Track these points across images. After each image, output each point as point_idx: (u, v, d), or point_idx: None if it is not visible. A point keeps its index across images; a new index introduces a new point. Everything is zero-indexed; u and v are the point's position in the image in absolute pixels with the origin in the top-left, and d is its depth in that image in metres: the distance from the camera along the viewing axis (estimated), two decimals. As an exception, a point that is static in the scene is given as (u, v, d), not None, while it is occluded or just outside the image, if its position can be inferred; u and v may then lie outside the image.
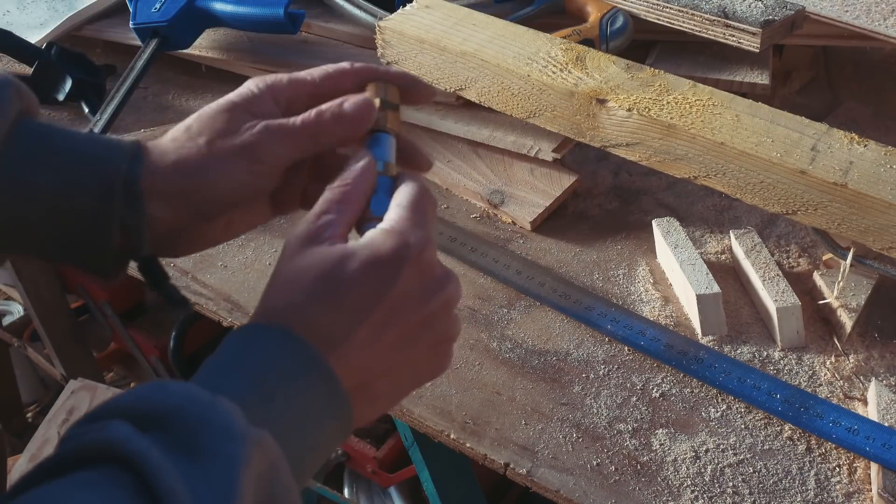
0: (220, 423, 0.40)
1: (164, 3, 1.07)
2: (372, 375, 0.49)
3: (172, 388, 0.41)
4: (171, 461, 0.38)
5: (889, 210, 0.72)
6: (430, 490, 1.07)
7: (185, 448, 0.39)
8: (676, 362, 0.76)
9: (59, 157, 0.53)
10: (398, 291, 0.48)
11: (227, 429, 0.40)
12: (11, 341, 1.76)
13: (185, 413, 0.40)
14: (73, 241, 0.54)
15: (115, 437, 0.38)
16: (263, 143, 0.53)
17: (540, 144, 0.95)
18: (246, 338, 0.47)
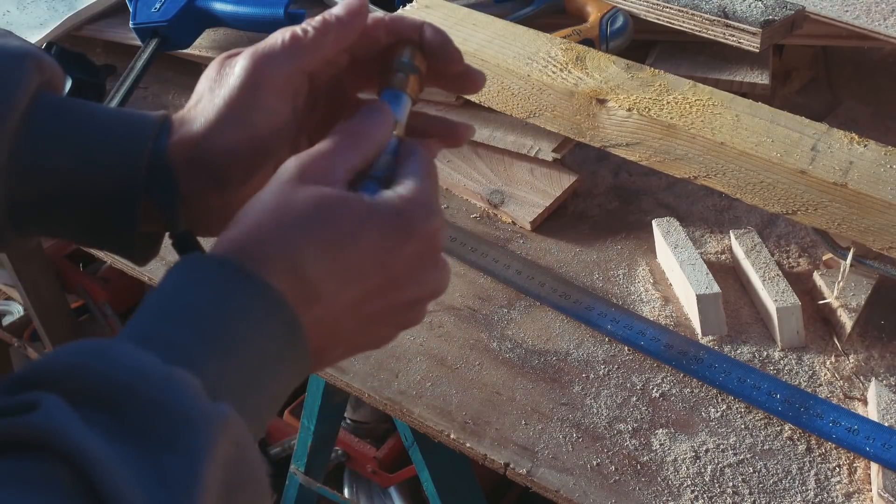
0: (178, 407, 0.35)
1: (164, 3, 1.07)
2: (335, 339, 0.44)
3: (117, 358, 0.35)
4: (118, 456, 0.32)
5: (889, 210, 0.72)
6: (430, 490, 1.07)
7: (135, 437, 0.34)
8: (676, 362, 0.76)
9: (80, 135, 0.50)
10: (402, 265, 0.44)
11: (185, 414, 0.35)
12: (11, 341, 1.76)
13: (135, 394, 0.34)
14: (98, 223, 0.52)
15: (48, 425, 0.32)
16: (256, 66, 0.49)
17: (540, 144, 0.95)
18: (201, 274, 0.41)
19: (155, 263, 0.88)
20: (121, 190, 0.50)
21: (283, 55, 0.50)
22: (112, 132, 0.50)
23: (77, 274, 1.66)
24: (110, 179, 0.50)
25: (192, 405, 0.35)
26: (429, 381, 0.76)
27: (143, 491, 0.32)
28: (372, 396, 0.75)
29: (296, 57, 0.50)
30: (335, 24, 0.50)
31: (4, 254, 1.44)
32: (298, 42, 0.50)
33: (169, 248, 0.53)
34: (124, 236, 0.52)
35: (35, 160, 0.50)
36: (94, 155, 0.50)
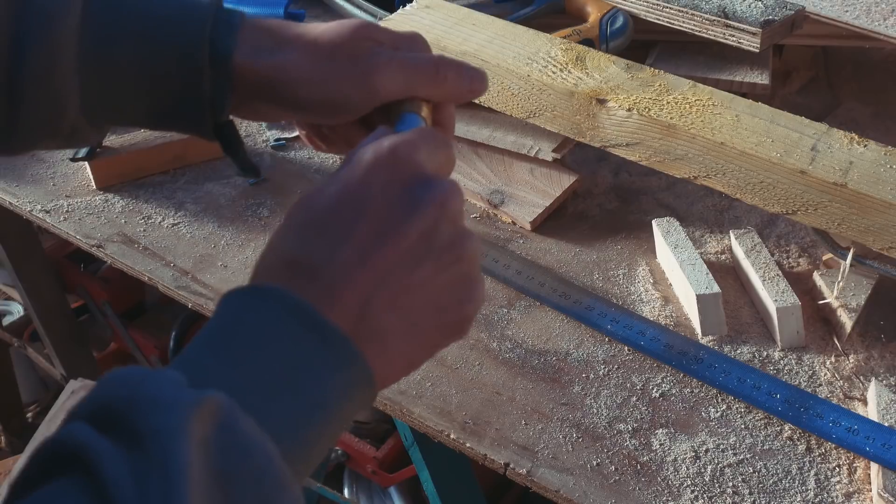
0: (147, 398, 0.36)
1: (164, 3, 1.07)
2: (372, 306, 0.43)
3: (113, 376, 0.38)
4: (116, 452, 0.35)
5: (889, 210, 0.72)
6: (430, 490, 1.07)
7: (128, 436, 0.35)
8: (676, 362, 0.76)
9: (138, 26, 0.54)
10: (377, 202, 0.44)
11: (154, 400, 0.36)
12: (11, 341, 1.76)
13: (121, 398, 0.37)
14: (166, 109, 0.55)
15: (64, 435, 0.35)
16: (383, 74, 0.54)
17: (540, 144, 0.95)
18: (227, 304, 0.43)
19: (155, 263, 0.88)
20: (186, 78, 0.54)
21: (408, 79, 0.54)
22: (168, 19, 0.54)
23: (77, 274, 1.66)
24: (173, 68, 0.54)
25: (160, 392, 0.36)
26: (429, 381, 0.76)
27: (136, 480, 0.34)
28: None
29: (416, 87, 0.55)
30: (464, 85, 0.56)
31: (5, 253, 1.44)
32: (430, 76, 0.55)
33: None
34: (192, 117, 0.56)
35: (101, 54, 0.53)
36: (155, 43, 0.54)
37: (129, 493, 0.33)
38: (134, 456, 0.34)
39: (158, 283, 0.87)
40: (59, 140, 0.57)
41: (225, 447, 0.36)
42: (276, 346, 0.41)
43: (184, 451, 0.34)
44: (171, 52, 0.54)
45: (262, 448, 0.37)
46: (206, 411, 0.36)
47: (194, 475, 0.34)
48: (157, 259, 0.89)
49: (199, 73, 0.54)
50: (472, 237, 0.46)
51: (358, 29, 0.56)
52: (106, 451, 0.34)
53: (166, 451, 0.34)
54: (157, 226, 0.93)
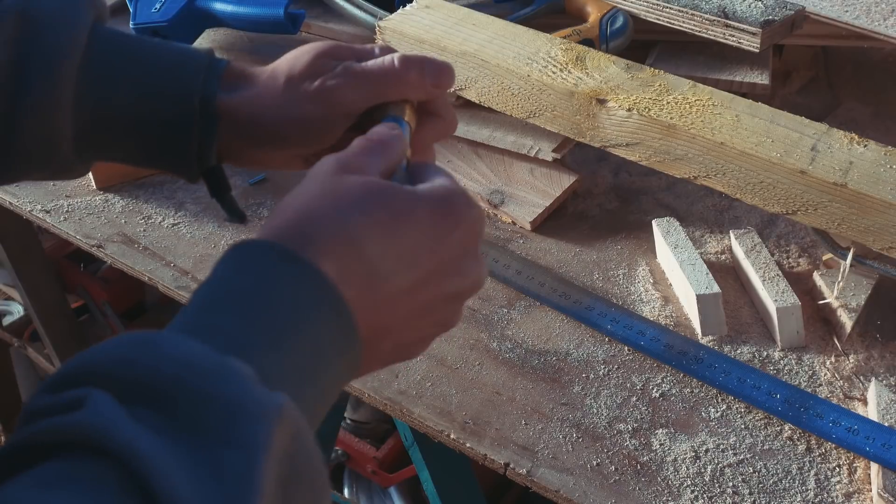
0: (233, 399, 0.33)
1: (164, 3, 1.07)
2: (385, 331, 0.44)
3: (165, 349, 0.34)
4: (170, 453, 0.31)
5: (889, 210, 0.72)
6: (430, 490, 1.07)
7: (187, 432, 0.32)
8: (676, 362, 0.76)
9: (137, 69, 0.56)
10: (449, 251, 0.44)
11: (241, 406, 0.33)
12: (11, 341, 1.76)
13: (185, 386, 0.33)
14: (156, 146, 0.57)
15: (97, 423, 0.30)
16: (341, 87, 0.55)
17: (540, 144, 0.95)
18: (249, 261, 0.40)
19: (155, 263, 0.88)
20: (175, 119, 0.55)
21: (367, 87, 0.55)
22: (165, 65, 0.56)
23: (77, 274, 1.66)
24: (166, 113, 0.55)
25: (247, 395, 0.33)
26: (429, 381, 0.76)
27: (198, 489, 0.30)
28: (372, 396, 0.75)
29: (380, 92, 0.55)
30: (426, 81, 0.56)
31: (5, 253, 1.44)
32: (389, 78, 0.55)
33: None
34: (180, 159, 0.57)
35: (98, 93, 0.55)
36: (150, 87, 0.55)
37: None
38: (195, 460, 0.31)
39: (158, 283, 0.87)
40: (47, 173, 0.59)
41: (294, 456, 0.35)
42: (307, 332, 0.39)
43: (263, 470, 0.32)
44: (164, 97, 0.56)
45: (319, 453, 0.37)
46: (287, 420, 0.34)
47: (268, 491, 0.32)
48: (157, 259, 0.89)
49: (190, 120, 0.55)
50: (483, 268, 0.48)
51: (316, 50, 0.57)
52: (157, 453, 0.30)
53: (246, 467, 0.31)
54: (157, 226, 0.93)
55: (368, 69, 0.55)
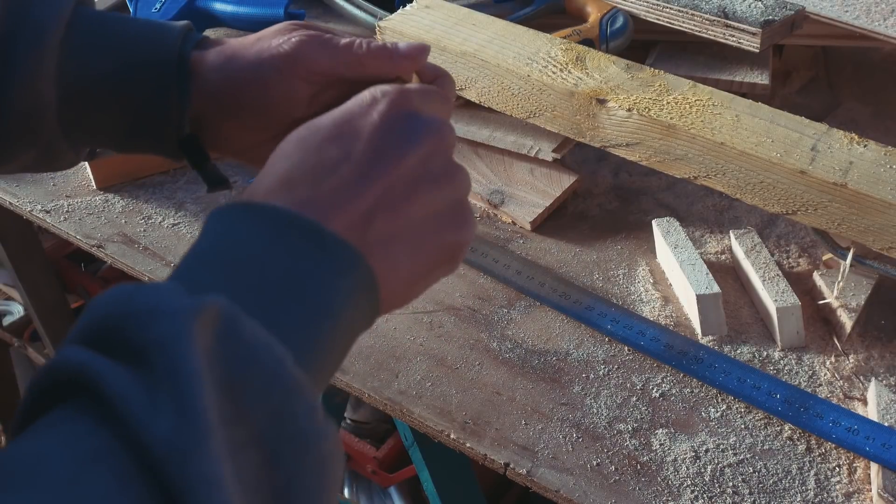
0: (144, 309, 0.34)
1: (164, 3, 1.07)
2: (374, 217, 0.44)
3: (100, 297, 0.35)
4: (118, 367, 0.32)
5: (889, 210, 0.72)
6: (430, 490, 1.07)
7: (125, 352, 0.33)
8: (676, 362, 0.76)
9: (116, 41, 0.58)
10: (376, 128, 0.45)
11: (152, 310, 0.34)
12: (11, 341, 1.76)
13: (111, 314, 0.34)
14: (138, 123, 0.58)
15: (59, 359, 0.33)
16: (304, 49, 0.56)
17: (540, 144, 0.95)
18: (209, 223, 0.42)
19: (155, 263, 0.88)
20: (155, 91, 0.57)
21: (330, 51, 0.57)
22: (143, 38, 0.58)
23: (77, 274, 1.66)
24: (145, 80, 0.57)
25: (158, 302, 0.34)
26: (429, 381, 0.76)
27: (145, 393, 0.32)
28: (372, 396, 0.75)
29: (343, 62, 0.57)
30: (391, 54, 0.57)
31: (5, 253, 1.44)
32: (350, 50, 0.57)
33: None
34: (162, 136, 0.58)
35: (80, 67, 0.57)
36: (129, 59, 0.57)
37: (138, 408, 0.31)
38: (139, 370, 0.32)
39: (158, 283, 0.87)
40: (36, 151, 0.59)
41: (230, 354, 0.34)
42: (276, 257, 0.40)
43: (192, 358, 0.33)
44: (143, 68, 0.57)
45: (269, 352, 0.36)
46: (209, 316, 0.34)
47: (206, 384, 0.32)
48: (158, 259, 0.89)
49: (167, 87, 0.57)
50: (464, 170, 0.49)
51: (288, 22, 0.60)
52: (106, 367, 0.32)
53: (174, 359, 0.32)
54: (157, 226, 0.93)
55: (334, 38, 0.58)
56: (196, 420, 0.31)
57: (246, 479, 0.33)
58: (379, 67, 0.57)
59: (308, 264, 0.40)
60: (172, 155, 0.60)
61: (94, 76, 0.57)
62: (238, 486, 0.32)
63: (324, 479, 0.36)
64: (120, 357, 0.33)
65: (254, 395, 0.34)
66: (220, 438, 0.32)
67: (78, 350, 0.33)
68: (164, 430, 0.31)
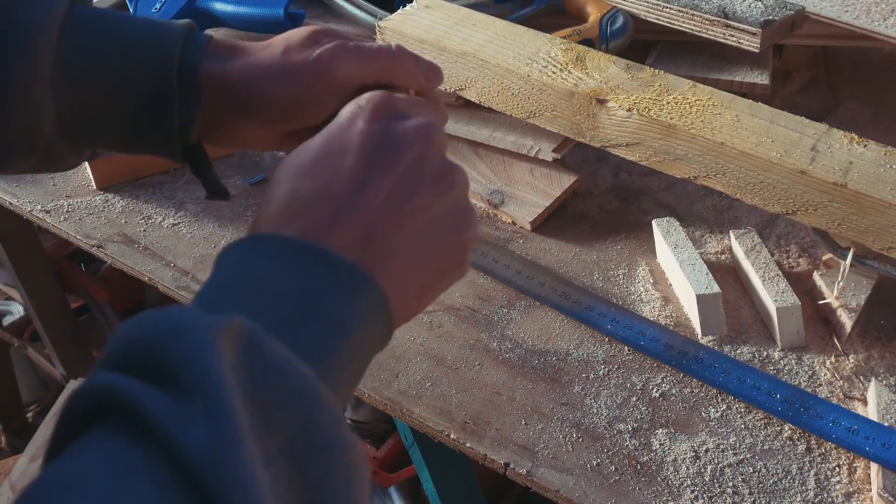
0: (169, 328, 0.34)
1: (164, 3, 1.07)
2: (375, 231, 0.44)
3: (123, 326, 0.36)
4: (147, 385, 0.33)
5: (889, 210, 0.72)
6: (430, 490, 1.07)
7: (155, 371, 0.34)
8: (676, 362, 0.76)
9: (114, 44, 0.55)
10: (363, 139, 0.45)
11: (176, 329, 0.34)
12: (11, 341, 1.76)
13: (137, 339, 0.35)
14: (138, 127, 0.57)
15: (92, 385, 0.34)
16: (337, 58, 0.55)
17: (540, 144, 0.95)
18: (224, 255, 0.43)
19: (155, 263, 0.88)
20: (154, 96, 0.55)
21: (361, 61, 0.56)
22: (142, 40, 0.56)
23: (77, 274, 1.66)
24: (144, 85, 0.55)
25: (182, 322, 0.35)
26: (429, 381, 0.76)
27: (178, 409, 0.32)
28: (372, 396, 0.75)
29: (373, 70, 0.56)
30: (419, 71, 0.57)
31: (5, 253, 1.44)
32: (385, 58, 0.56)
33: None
34: (163, 139, 0.57)
35: (77, 69, 0.55)
36: (129, 60, 0.55)
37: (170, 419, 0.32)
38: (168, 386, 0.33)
39: (158, 284, 0.87)
40: (35, 158, 0.58)
41: (255, 369, 0.35)
42: (287, 283, 0.41)
43: (219, 369, 0.33)
44: (143, 70, 0.56)
45: (292, 366, 0.36)
46: (231, 333, 0.35)
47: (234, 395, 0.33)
48: (157, 259, 0.89)
49: (169, 90, 0.55)
50: (459, 168, 0.49)
51: (314, 27, 0.58)
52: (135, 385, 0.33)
53: (201, 370, 0.33)
54: (157, 226, 0.93)
55: (365, 45, 0.57)
56: (227, 426, 0.32)
57: (278, 490, 0.33)
58: (400, 76, 0.57)
59: (320, 286, 0.41)
60: (175, 158, 0.59)
61: (92, 80, 0.55)
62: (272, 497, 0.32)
63: (352, 489, 0.36)
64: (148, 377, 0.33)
65: (280, 408, 0.35)
66: (253, 445, 0.32)
67: (106, 374, 0.34)
68: (198, 439, 0.31)
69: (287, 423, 0.35)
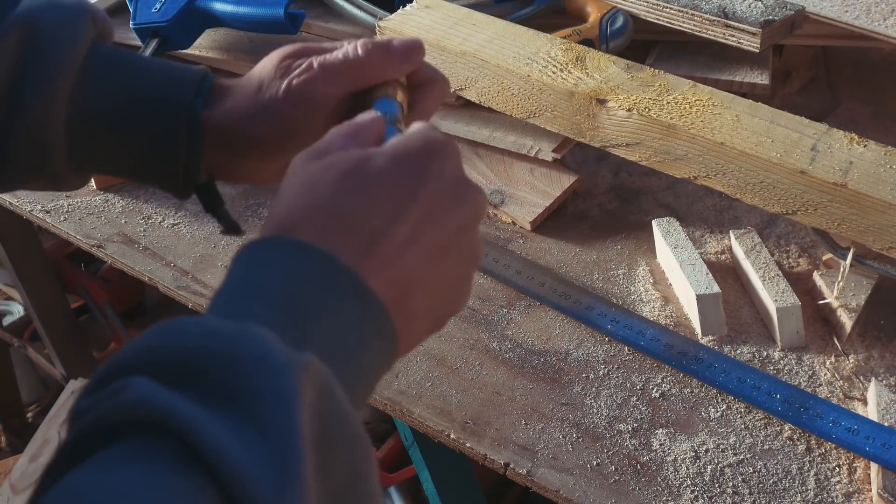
0: (256, 355, 0.34)
1: (164, 3, 1.07)
2: (409, 285, 0.44)
3: (189, 328, 0.35)
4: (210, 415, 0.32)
5: (889, 210, 0.72)
6: (430, 490, 1.07)
7: (220, 395, 0.33)
8: (676, 362, 0.76)
9: (129, 88, 0.57)
10: (432, 188, 0.44)
11: (264, 359, 0.34)
12: (11, 341, 1.76)
13: (211, 353, 0.34)
14: (147, 164, 0.58)
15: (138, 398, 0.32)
16: (307, 83, 0.55)
17: (540, 144, 0.95)
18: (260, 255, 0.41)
19: (155, 263, 0.88)
20: (165, 137, 0.56)
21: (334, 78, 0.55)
22: (158, 84, 0.57)
23: (77, 274, 1.66)
24: (155, 127, 0.56)
25: (270, 351, 0.34)
26: (429, 381, 0.76)
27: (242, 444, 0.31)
28: (372, 396, 0.75)
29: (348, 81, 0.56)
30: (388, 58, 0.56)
31: (5, 253, 1.44)
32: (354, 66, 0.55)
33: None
34: (170, 177, 0.58)
35: (92, 105, 0.56)
36: (143, 101, 0.56)
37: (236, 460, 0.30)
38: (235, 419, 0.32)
39: (158, 284, 0.87)
40: (43, 180, 0.59)
41: (328, 414, 0.35)
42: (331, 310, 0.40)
43: (300, 417, 0.32)
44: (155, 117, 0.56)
45: (355, 415, 0.37)
46: (313, 375, 0.35)
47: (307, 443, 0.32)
48: (157, 259, 0.89)
49: (177, 136, 0.56)
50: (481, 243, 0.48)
51: (281, 52, 0.57)
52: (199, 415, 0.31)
53: (282, 416, 0.32)
54: (157, 226, 0.93)
55: (330, 61, 0.56)
56: (296, 479, 0.31)
57: None
58: (378, 74, 0.56)
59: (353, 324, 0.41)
60: (179, 195, 0.59)
61: (105, 118, 0.56)
62: None
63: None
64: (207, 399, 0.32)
65: (341, 455, 0.35)
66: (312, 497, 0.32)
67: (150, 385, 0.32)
68: (265, 487, 0.31)
69: (343, 470, 0.35)
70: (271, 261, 0.41)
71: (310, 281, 0.40)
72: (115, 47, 0.59)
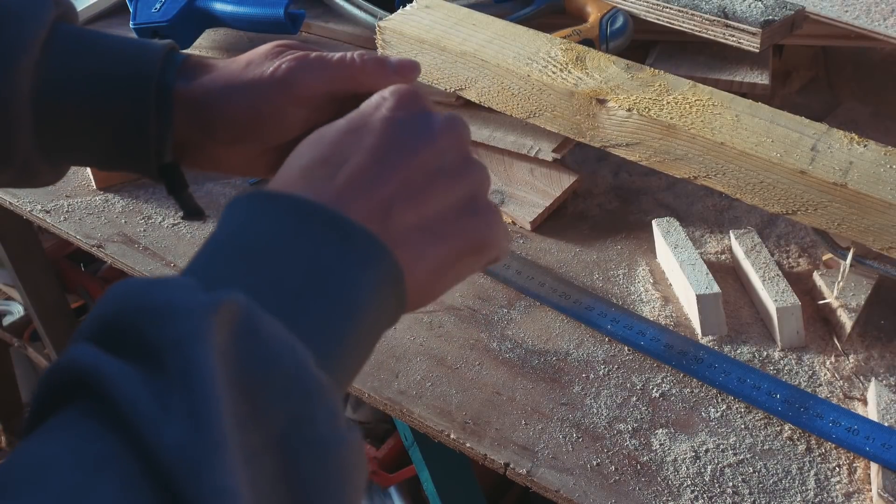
0: (158, 306, 0.32)
1: (164, 3, 1.07)
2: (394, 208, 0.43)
3: (113, 290, 0.34)
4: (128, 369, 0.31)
5: (889, 210, 0.72)
6: (430, 490, 1.07)
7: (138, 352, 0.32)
8: (676, 362, 0.76)
9: (94, 63, 0.55)
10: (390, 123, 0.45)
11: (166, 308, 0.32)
12: (11, 341, 1.76)
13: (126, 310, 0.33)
14: (115, 146, 0.57)
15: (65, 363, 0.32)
16: (296, 71, 0.55)
17: (540, 144, 0.95)
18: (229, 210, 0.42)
19: (155, 263, 0.88)
20: (132, 114, 0.55)
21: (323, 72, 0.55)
22: (123, 58, 0.56)
23: (77, 274, 1.66)
24: (123, 103, 0.55)
25: (172, 298, 0.33)
26: (429, 381, 0.76)
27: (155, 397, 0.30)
28: (372, 396, 0.75)
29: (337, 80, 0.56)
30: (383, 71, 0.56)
31: (5, 253, 1.44)
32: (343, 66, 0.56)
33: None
34: (141, 157, 0.57)
35: (56, 87, 0.55)
36: (108, 80, 0.55)
37: (148, 413, 0.30)
38: (150, 372, 0.31)
39: (158, 283, 0.87)
40: (13, 171, 0.58)
41: (248, 354, 0.33)
42: (296, 248, 0.39)
43: (208, 361, 0.31)
44: (121, 90, 0.55)
45: (289, 352, 0.34)
46: (226, 314, 0.33)
47: (221, 388, 0.31)
48: (158, 259, 0.89)
49: (145, 110, 0.55)
50: (482, 166, 0.49)
51: (281, 41, 0.58)
52: (115, 370, 0.31)
53: (188, 362, 0.31)
54: (157, 226, 0.93)
55: (325, 56, 0.56)
56: (210, 428, 0.30)
57: (261, 489, 0.31)
58: (370, 82, 0.56)
59: (331, 255, 0.39)
60: (152, 176, 0.59)
61: (71, 98, 0.55)
62: (253, 497, 0.30)
63: (346, 489, 0.35)
64: (131, 356, 0.32)
65: (272, 399, 0.33)
66: (235, 446, 0.30)
67: (86, 348, 0.32)
68: (176, 438, 0.29)
69: (278, 415, 0.33)
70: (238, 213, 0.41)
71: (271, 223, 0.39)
72: (78, 27, 0.58)
